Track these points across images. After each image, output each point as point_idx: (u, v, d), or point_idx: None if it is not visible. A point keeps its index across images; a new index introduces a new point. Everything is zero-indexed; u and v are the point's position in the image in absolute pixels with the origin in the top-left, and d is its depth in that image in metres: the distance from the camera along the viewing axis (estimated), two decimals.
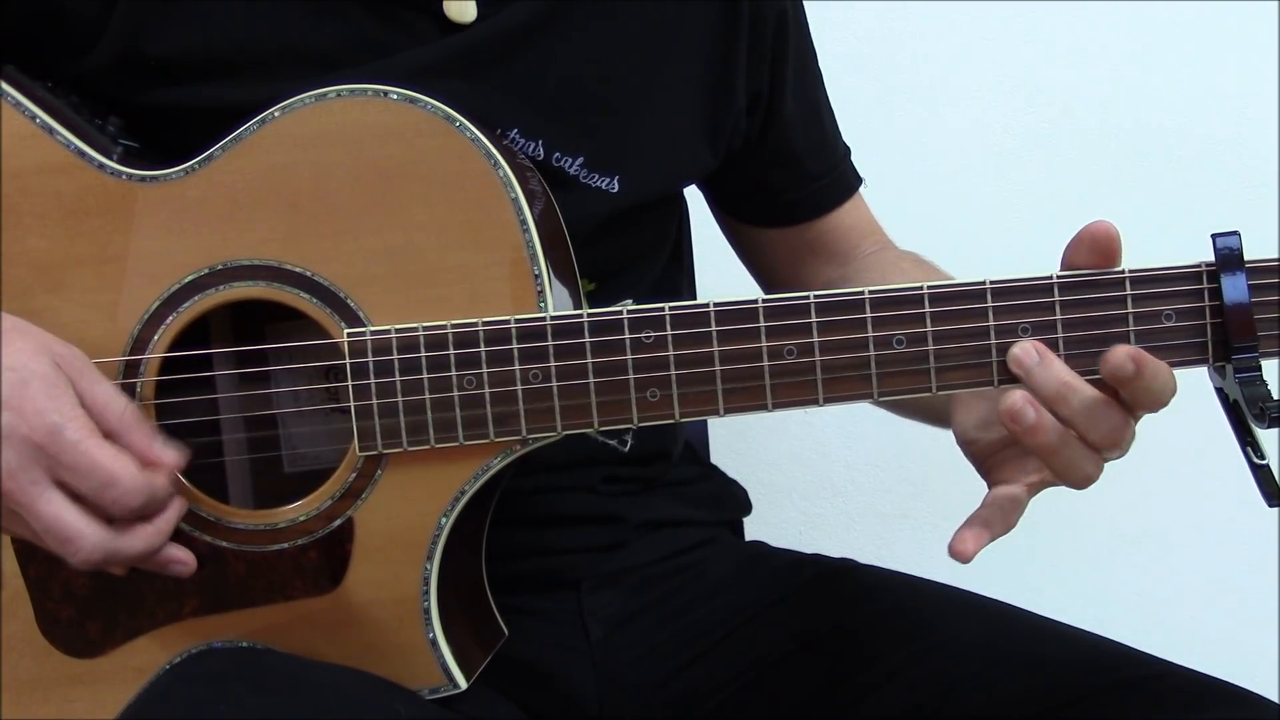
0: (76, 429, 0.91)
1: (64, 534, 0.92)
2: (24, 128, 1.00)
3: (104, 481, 0.91)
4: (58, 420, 0.91)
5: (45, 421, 0.91)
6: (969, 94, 1.87)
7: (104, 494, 0.91)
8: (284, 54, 1.06)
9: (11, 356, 0.92)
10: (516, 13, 1.10)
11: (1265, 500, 0.92)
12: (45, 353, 0.93)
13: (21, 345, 0.93)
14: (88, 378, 0.94)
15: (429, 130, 0.98)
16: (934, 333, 0.95)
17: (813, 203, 1.29)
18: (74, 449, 0.91)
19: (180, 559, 0.98)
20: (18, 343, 0.93)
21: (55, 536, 0.92)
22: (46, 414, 0.91)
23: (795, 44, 1.23)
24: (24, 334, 0.94)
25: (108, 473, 0.91)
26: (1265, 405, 0.91)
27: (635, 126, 1.14)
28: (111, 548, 0.93)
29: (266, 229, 0.99)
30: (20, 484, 0.91)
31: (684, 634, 1.19)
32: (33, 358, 0.92)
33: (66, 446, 0.91)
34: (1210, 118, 1.88)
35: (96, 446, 0.92)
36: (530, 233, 0.98)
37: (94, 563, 0.93)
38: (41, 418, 0.91)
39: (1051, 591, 1.52)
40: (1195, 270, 0.94)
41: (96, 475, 0.91)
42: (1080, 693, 1.03)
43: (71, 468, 0.91)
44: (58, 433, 0.91)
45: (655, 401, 0.97)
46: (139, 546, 0.94)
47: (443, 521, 0.99)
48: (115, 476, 0.91)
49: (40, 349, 0.93)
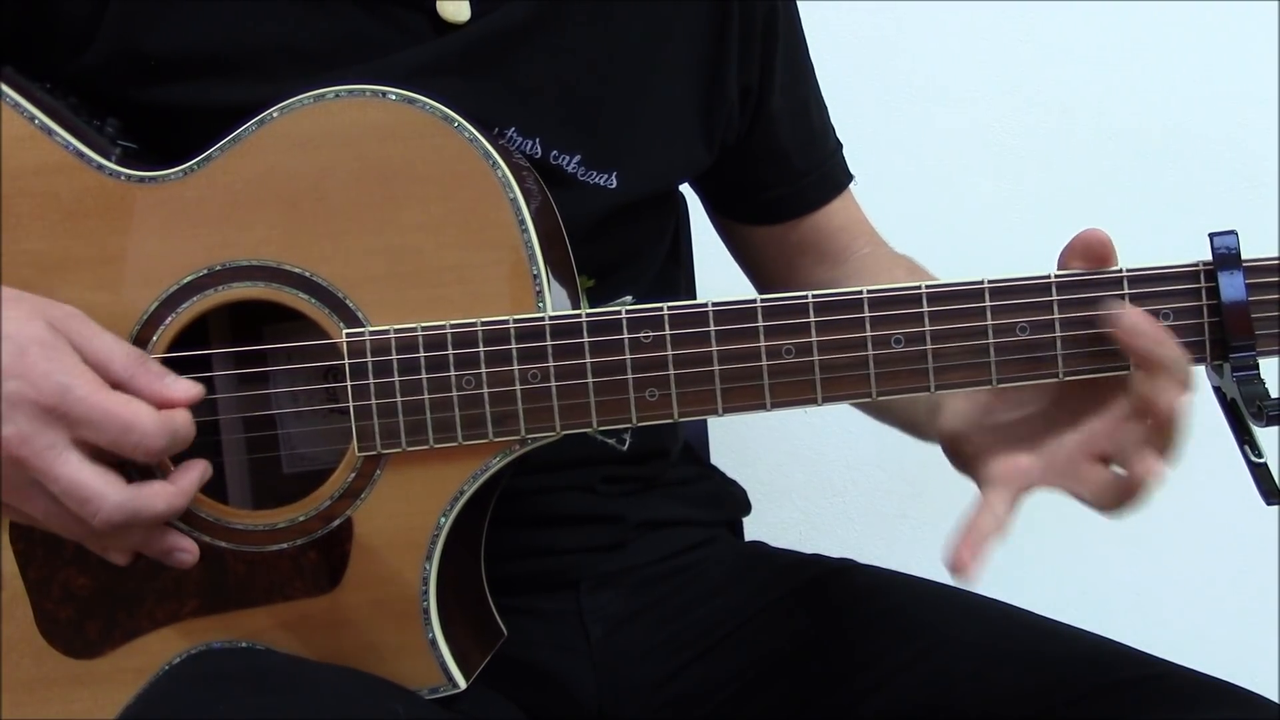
0: (84, 384, 0.91)
1: (83, 493, 0.90)
2: (22, 128, 1.00)
3: (122, 428, 0.91)
4: (63, 380, 0.90)
5: (52, 383, 0.90)
6: (967, 94, 1.88)
7: (124, 440, 0.91)
8: (280, 53, 1.06)
9: (7, 325, 0.91)
10: (512, 11, 1.10)
11: (1263, 498, 0.92)
12: (39, 316, 0.93)
13: (14, 313, 0.92)
14: (85, 334, 0.94)
15: (427, 130, 0.98)
16: (932, 332, 0.95)
17: (800, 199, 1.29)
18: (85, 403, 0.90)
19: (183, 547, 0.97)
20: (11, 310, 0.92)
21: (75, 497, 0.91)
22: (52, 375, 0.90)
23: (785, 40, 1.23)
24: (16, 301, 0.93)
25: (124, 419, 0.91)
26: (1263, 403, 0.91)
27: (632, 123, 1.15)
28: (133, 507, 0.92)
29: (265, 229, 0.99)
30: (36, 448, 0.90)
31: (684, 634, 1.19)
32: (27, 323, 0.92)
33: (76, 402, 0.90)
34: (1209, 118, 1.89)
35: (108, 397, 0.91)
36: (529, 232, 0.98)
37: (114, 524, 0.92)
38: (48, 379, 0.90)
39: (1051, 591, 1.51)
40: (1193, 269, 0.94)
41: (113, 423, 0.90)
42: (1080, 692, 1.03)
43: (87, 422, 0.90)
44: (66, 392, 0.90)
45: (654, 401, 0.97)
46: (159, 506, 0.93)
47: (442, 521, 0.99)
48: (132, 421, 0.91)
49: (33, 313, 0.93)
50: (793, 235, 1.30)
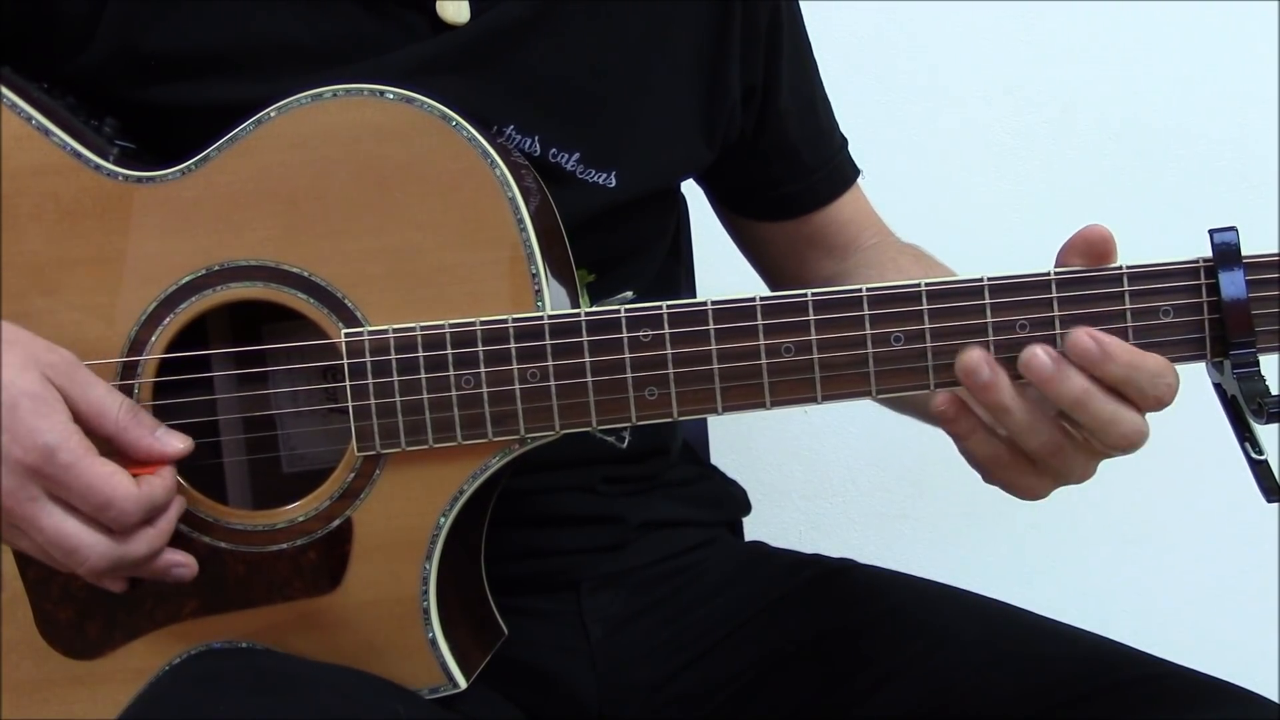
0: (70, 450, 0.91)
1: (68, 546, 0.92)
2: (20, 129, 1.00)
3: (101, 503, 0.91)
4: (50, 440, 0.90)
5: (38, 443, 0.90)
6: (968, 93, 1.88)
7: (102, 515, 0.92)
8: (278, 51, 1.06)
9: None
10: (511, 9, 1.10)
11: (1264, 496, 0.92)
12: (32, 366, 0.92)
13: (8, 360, 0.92)
14: (79, 383, 0.94)
15: (426, 129, 0.98)
16: (932, 330, 0.95)
17: (811, 195, 1.29)
18: (68, 471, 0.90)
19: (181, 562, 0.98)
20: (3, 358, 0.92)
21: (60, 549, 0.92)
22: (39, 434, 0.90)
23: (790, 37, 1.24)
24: (10, 346, 0.93)
25: (103, 494, 0.91)
26: (1263, 400, 0.91)
27: (631, 121, 1.14)
28: (116, 555, 0.93)
29: (263, 229, 0.99)
30: (18, 501, 0.91)
31: (684, 635, 1.19)
32: (20, 374, 0.92)
33: (60, 469, 0.90)
34: (1210, 117, 1.89)
35: (90, 466, 0.91)
36: (527, 232, 0.98)
37: (101, 571, 0.93)
38: (34, 438, 0.90)
39: (1051, 591, 1.52)
40: (1193, 266, 0.94)
41: (92, 497, 0.91)
42: (1080, 692, 1.03)
43: (68, 489, 0.91)
44: (51, 455, 0.90)
45: (653, 400, 0.97)
46: (143, 550, 0.94)
47: (441, 521, 0.99)
48: (111, 497, 0.91)
49: (27, 362, 0.92)
50: (803, 230, 1.30)
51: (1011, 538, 1.91)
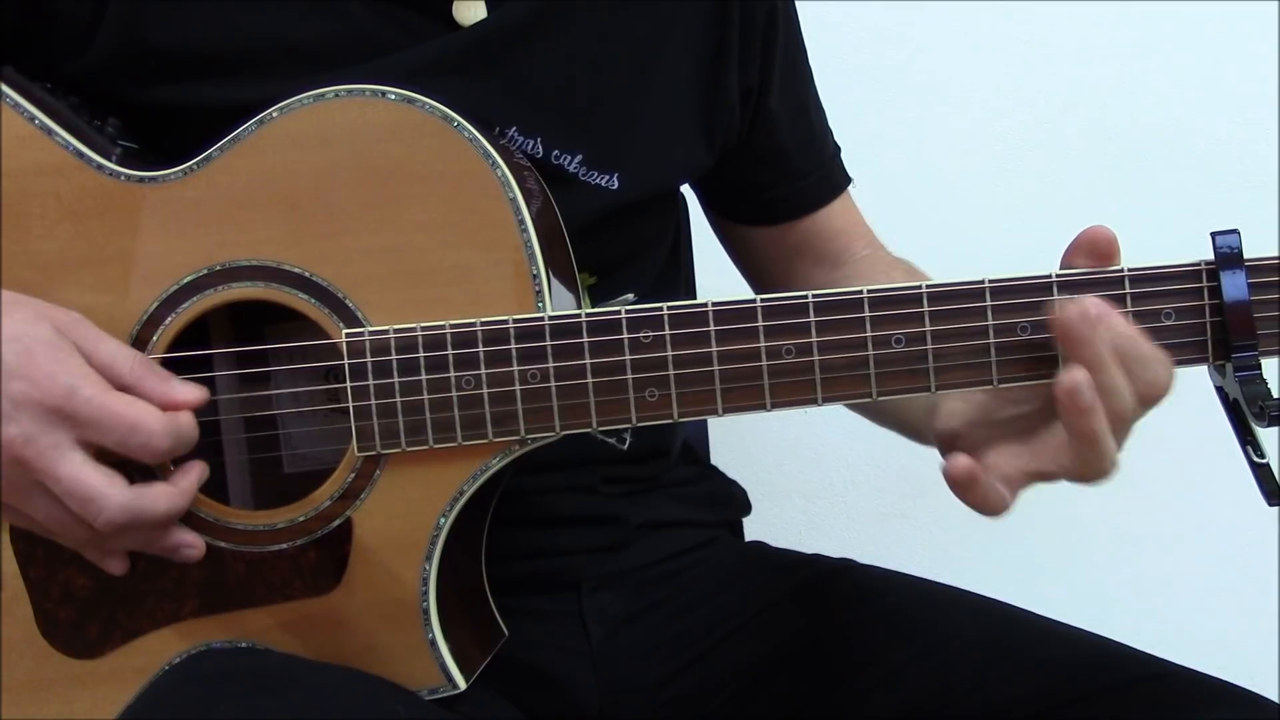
0: (90, 385, 0.91)
1: (87, 493, 0.91)
2: (23, 129, 1.00)
3: (128, 429, 0.91)
4: (69, 381, 0.91)
5: (58, 384, 0.91)
6: (968, 94, 1.88)
7: (130, 441, 0.92)
8: (280, 51, 1.06)
9: (12, 326, 0.92)
10: (513, 11, 1.10)
11: (1265, 499, 0.92)
12: (44, 319, 0.93)
13: (20, 315, 0.93)
14: (90, 338, 0.95)
15: (427, 130, 0.98)
16: (933, 332, 0.95)
17: (799, 200, 1.29)
18: (91, 404, 0.91)
19: (188, 542, 0.98)
20: (16, 313, 0.93)
21: (78, 497, 0.91)
22: (58, 376, 0.91)
23: (784, 41, 1.24)
24: (21, 304, 0.94)
25: (130, 420, 0.92)
26: (1265, 404, 0.91)
27: (633, 124, 1.14)
28: (136, 507, 0.93)
29: (265, 229, 0.99)
30: (40, 449, 0.90)
31: (684, 635, 1.19)
32: (33, 324, 0.92)
33: (83, 403, 0.91)
34: (1210, 117, 1.89)
35: (114, 399, 0.92)
36: (529, 233, 0.98)
37: (117, 524, 0.92)
38: (54, 380, 0.91)
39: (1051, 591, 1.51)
40: (1195, 269, 0.94)
41: (120, 424, 0.91)
42: (1081, 693, 1.03)
43: (93, 423, 0.91)
44: (73, 393, 0.91)
45: (654, 401, 0.97)
46: (162, 506, 0.94)
47: (441, 522, 0.99)
48: (138, 422, 0.92)
49: (39, 316, 0.93)
50: (791, 236, 1.29)
51: (1011, 538, 1.91)
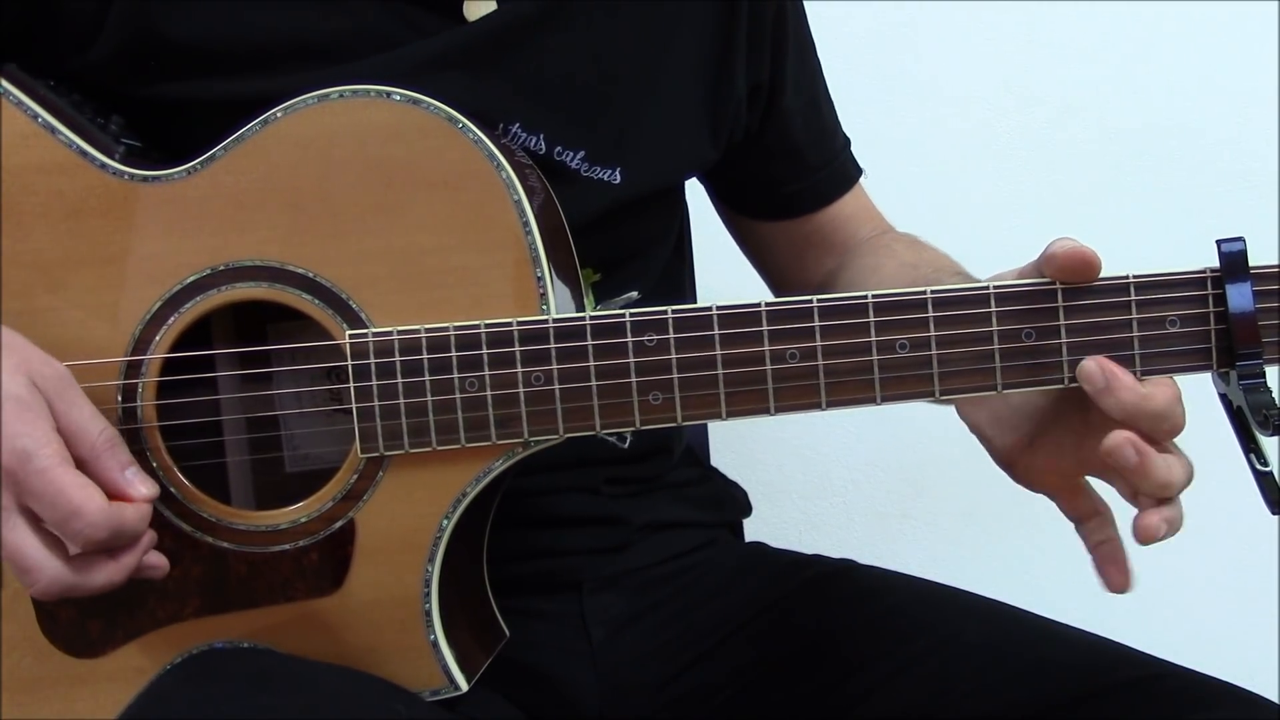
0: (46, 456, 0.89)
1: (23, 564, 0.90)
2: (25, 126, 0.99)
3: (68, 512, 0.89)
4: (28, 445, 0.89)
5: (15, 446, 0.89)
6: (968, 93, 1.87)
7: (68, 525, 0.89)
8: (284, 45, 1.05)
9: None
10: (517, 7, 1.10)
11: (1269, 507, 0.92)
12: (23, 372, 0.91)
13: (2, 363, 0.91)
14: (66, 399, 0.92)
15: (431, 131, 0.98)
16: (937, 337, 0.95)
17: (814, 194, 1.30)
18: (41, 476, 0.89)
19: (151, 564, 0.96)
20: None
21: (16, 565, 0.90)
22: (17, 438, 0.89)
23: (794, 36, 1.24)
24: (7, 350, 0.92)
25: (72, 504, 0.89)
26: (1269, 412, 0.91)
27: (636, 119, 1.14)
28: (69, 583, 0.91)
29: (268, 229, 0.99)
30: None
31: (685, 636, 1.19)
32: (9, 378, 0.91)
33: (34, 473, 0.89)
34: (1210, 118, 1.89)
35: (64, 475, 0.89)
36: (533, 234, 0.98)
37: (51, 595, 0.91)
38: (12, 442, 0.89)
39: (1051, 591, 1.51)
40: (1200, 276, 0.94)
41: (61, 506, 0.89)
42: (1081, 693, 1.03)
43: (37, 495, 0.89)
44: (27, 459, 0.89)
45: (658, 405, 0.97)
46: (99, 582, 0.92)
47: (444, 523, 0.99)
48: (79, 508, 0.89)
49: (18, 368, 0.92)
50: (804, 229, 1.30)
51: (1012, 538, 1.90)
